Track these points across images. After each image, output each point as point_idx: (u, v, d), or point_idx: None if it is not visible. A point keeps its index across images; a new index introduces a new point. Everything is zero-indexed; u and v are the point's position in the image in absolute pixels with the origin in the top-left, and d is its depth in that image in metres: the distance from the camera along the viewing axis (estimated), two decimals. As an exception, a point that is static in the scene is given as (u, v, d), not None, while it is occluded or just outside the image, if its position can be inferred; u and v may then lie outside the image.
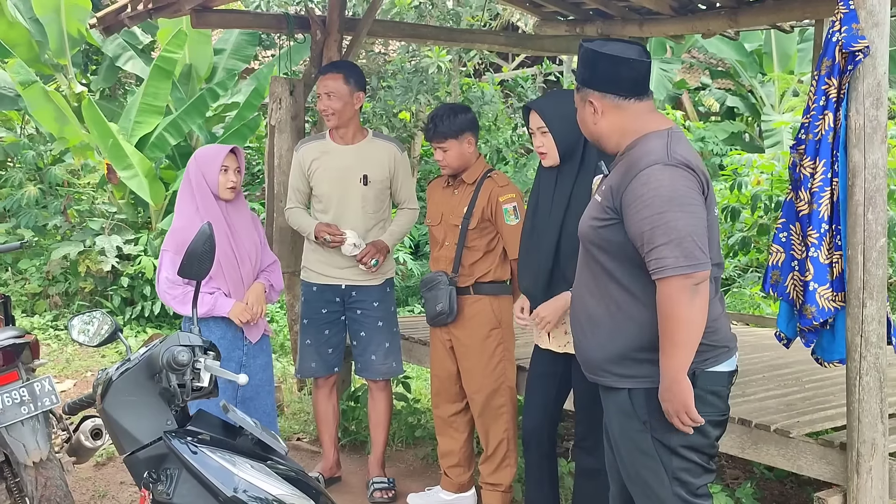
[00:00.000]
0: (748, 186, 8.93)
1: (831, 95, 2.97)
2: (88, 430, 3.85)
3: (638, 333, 2.68)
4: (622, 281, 2.70)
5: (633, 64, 2.71)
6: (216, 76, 10.30)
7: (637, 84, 2.73)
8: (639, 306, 2.67)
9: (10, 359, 3.83)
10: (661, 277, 2.54)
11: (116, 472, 4.96)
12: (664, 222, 2.52)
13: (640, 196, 2.57)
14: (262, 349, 4.11)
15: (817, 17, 5.46)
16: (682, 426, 2.61)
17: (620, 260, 2.69)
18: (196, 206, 3.89)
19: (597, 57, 2.72)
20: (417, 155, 10.25)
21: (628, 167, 2.65)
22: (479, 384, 4.16)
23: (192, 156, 4.02)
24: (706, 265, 2.55)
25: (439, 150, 4.13)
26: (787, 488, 4.65)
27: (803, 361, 4.45)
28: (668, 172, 2.57)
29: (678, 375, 2.56)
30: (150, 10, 4.84)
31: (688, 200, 2.56)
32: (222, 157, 3.90)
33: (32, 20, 9.96)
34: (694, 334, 2.56)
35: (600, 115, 2.75)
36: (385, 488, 4.59)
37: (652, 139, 2.67)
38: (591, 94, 2.76)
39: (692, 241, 2.52)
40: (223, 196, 3.93)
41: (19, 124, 10.78)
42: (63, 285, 8.64)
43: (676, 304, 2.52)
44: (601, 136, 2.80)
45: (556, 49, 7.13)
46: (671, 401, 2.59)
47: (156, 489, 2.51)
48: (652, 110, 2.78)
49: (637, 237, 2.59)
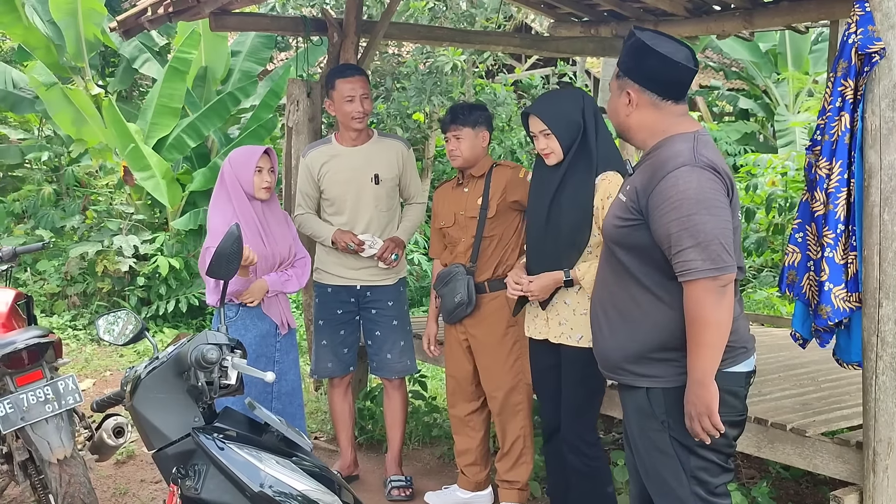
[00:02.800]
0: (763, 187, 8.94)
1: (847, 97, 2.99)
2: (111, 428, 3.90)
3: (657, 333, 2.69)
4: (643, 281, 2.71)
5: (681, 69, 2.68)
6: (232, 78, 10.37)
7: (679, 88, 2.73)
8: (659, 306, 2.68)
9: (34, 358, 3.89)
10: (688, 280, 2.55)
11: (137, 470, 5.03)
12: (691, 225, 2.53)
13: (667, 198, 2.57)
14: (292, 345, 4.19)
15: (832, 19, 5.46)
16: (701, 432, 2.60)
17: (643, 260, 2.70)
18: (232, 207, 3.98)
19: (647, 51, 2.68)
20: (431, 156, 10.28)
21: (655, 169, 2.65)
22: (498, 382, 4.20)
23: (225, 158, 4.12)
24: (732, 268, 2.56)
25: (454, 139, 4.17)
26: (802, 487, 4.66)
27: (819, 361, 4.47)
28: (696, 175, 2.57)
29: (705, 378, 2.56)
30: (169, 13, 4.89)
31: (714, 203, 2.56)
32: (256, 159, 3.97)
33: (50, 24, 10.05)
34: (721, 336, 2.56)
35: (634, 107, 2.74)
36: (402, 486, 4.64)
37: (678, 141, 2.67)
38: (630, 84, 2.73)
39: (719, 244, 2.53)
40: (258, 196, 4.01)
41: (37, 126, 10.88)
42: (81, 285, 8.72)
43: (704, 306, 2.53)
44: (630, 129, 2.79)
45: (571, 50, 7.14)
46: (696, 404, 2.59)
47: (184, 484, 2.55)
48: (684, 114, 2.77)
49: (664, 239, 2.59)
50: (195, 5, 4.77)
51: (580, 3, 6.21)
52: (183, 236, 9.09)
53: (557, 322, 3.69)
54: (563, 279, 3.58)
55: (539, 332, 3.78)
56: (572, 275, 3.58)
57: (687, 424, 2.63)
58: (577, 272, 3.56)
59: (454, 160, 4.22)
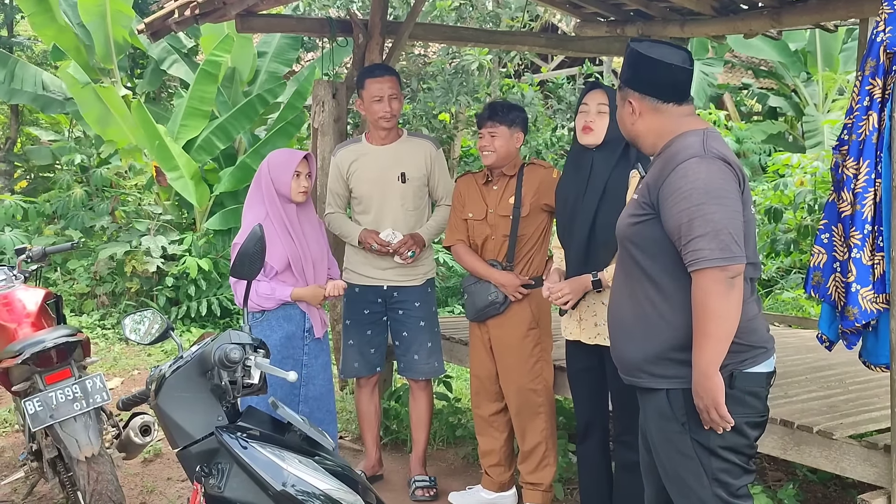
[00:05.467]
0: (791, 187, 8.85)
1: (875, 96, 2.96)
2: (137, 426, 3.96)
3: (674, 333, 2.67)
4: (658, 280, 2.70)
5: (674, 69, 2.73)
6: (259, 80, 10.43)
7: (676, 89, 2.76)
8: (675, 305, 2.67)
9: (63, 356, 3.94)
10: (696, 269, 2.55)
11: (164, 469, 5.07)
12: (701, 214, 2.53)
13: (677, 189, 2.59)
14: (322, 349, 4.18)
15: (861, 17, 5.39)
16: (713, 423, 2.60)
17: (656, 258, 2.70)
18: (266, 209, 3.98)
19: (639, 59, 2.75)
20: (457, 156, 10.28)
21: (665, 162, 2.68)
22: (516, 383, 4.19)
23: (266, 159, 4.12)
24: (741, 259, 2.56)
25: (488, 135, 4.14)
26: (830, 491, 4.61)
27: (847, 363, 4.42)
28: (706, 165, 2.58)
29: (709, 370, 2.56)
30: (196, 15, 4.93)
31: (724, 193, 2.57)
32: (296, 163, 3.97)
33: (80, 26, 10.17)
34: (727, 328, 2.55)
35: (638, 115, 2.79)
36: (426, 486, 4.64)
37: (688, 136, 2.70)
38: (630, 94, 2.79)
39: (728, 235, 2.53)
40: (295, 199, 4.01)
41: (67, 128, 11.01)
42: (110, 285, 8.81)
43: (711, 296, 2.53)
44: (637, 136, 2.84)
45: (597, 50, 7.13)
46: (702, 396, 2.59)
47: (207, 483, 2.58)
48: (690, 114, 2.79)
49: (674, 230, 2.60)
50: (221, 7, 4.80)
51: (606, 2, 6.19)
52: (211, 237, 9.16)
53: (593, 323, 3.68)
54: (591, 281, 3.59)
55: (571, 334, 3.80)
56: (601, 276, 3.58)
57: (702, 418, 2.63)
58: (606, 274, 3.56)
59: (486, 157, 4.17)
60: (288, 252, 3.94)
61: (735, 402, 2.61)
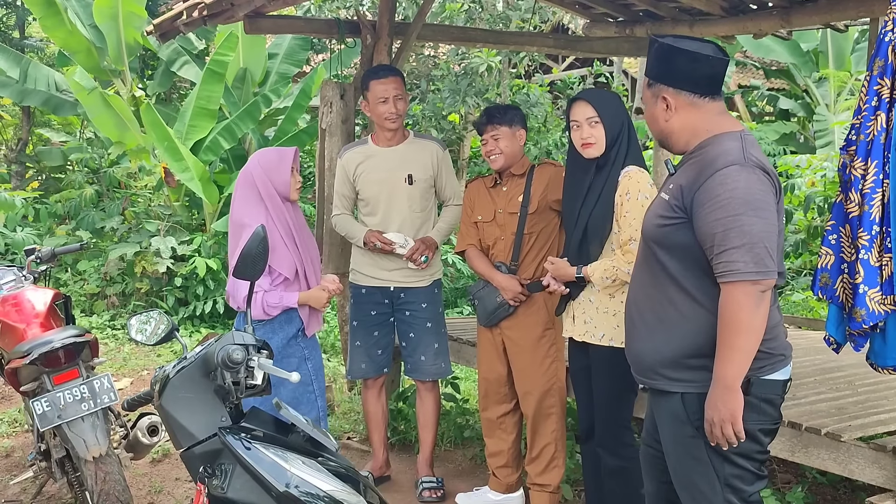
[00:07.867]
0: (802, 188, 8.81)
1: (884, 96, 2.94)
2: (145, 426, 3.96)
3: (694, 337, 2.63)
4: (682, 283, 2.65)
5: (712, 61, 2.66)
6: (269, 80, 10.46)
7: (713, 82, 2.69)
8: (698, 310, 2.62)
9: (71, 357, 3.96)
10: (728, 281, 2.50)
11: (172, 469, 5.08)
12: (738, 225, 2.48)
13: (715, 196, 2.52)
14: (315, 349, 4.16)
15: (872, 16, 5.36)
16: (721, 438, 2.55)
17: (683, 261, 2.65)
18: (267, 212, 3.85)
19: (673, 52, 2.67)
20: (467, 157, 10.28)
21: (703, 166, 2.60)
22: (532, 384, 4.18)
23: (252, 161, 3.98)
24: (774, 273, 2.51)
25: (491, 140, 4.14)
26: (839, 493, 4.58)
27: (856, 365, 4.40)
28: (745, 174, 2.52)
29: (733, 384, 2.51)
30: (204, 17, 4.95)
31: (762, 205, 2.51)
32: (290, 160, 3.89)
33: (92, 28, 10.21)
34: (754, 342, 2.51)
35: (673, 111, 2.71)
36: (434, 487, 4.64)
37: (726, 140, 2.63)
38: (665, 90, 2.71)
39: (764, 248, 2.48)
40: (292, 197, 3.92)
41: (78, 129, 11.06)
42: (120, 286, 8.85)
43: (742, 309, 2.48)
44: (671, 134, 2.76)
45: (606, 51, 7.11)
46: (720, 409, 2.53)
47: (211, 483, 2.57)
48: (723, 111, 2.74)
49: (707, 238, 2.54)
50: (229, 8, 4.82)
51: (615, 3, 6.18)
52: (221, 237, 9.18)
53: (583, 320, 3.71)
54: (574, 275, 3.63)
55: (566, 331, 3.82)
56: (584, 272, 3.59)
57: (706, 430, 2.58)
58: (588, 269, 3.59)
59: (494, 161, 4.15)
60: (294, 258, 3.88)
61: (751, 408, 2.57)
